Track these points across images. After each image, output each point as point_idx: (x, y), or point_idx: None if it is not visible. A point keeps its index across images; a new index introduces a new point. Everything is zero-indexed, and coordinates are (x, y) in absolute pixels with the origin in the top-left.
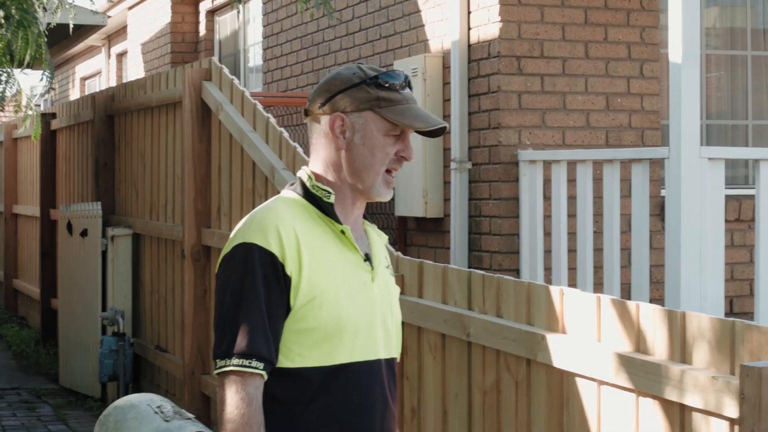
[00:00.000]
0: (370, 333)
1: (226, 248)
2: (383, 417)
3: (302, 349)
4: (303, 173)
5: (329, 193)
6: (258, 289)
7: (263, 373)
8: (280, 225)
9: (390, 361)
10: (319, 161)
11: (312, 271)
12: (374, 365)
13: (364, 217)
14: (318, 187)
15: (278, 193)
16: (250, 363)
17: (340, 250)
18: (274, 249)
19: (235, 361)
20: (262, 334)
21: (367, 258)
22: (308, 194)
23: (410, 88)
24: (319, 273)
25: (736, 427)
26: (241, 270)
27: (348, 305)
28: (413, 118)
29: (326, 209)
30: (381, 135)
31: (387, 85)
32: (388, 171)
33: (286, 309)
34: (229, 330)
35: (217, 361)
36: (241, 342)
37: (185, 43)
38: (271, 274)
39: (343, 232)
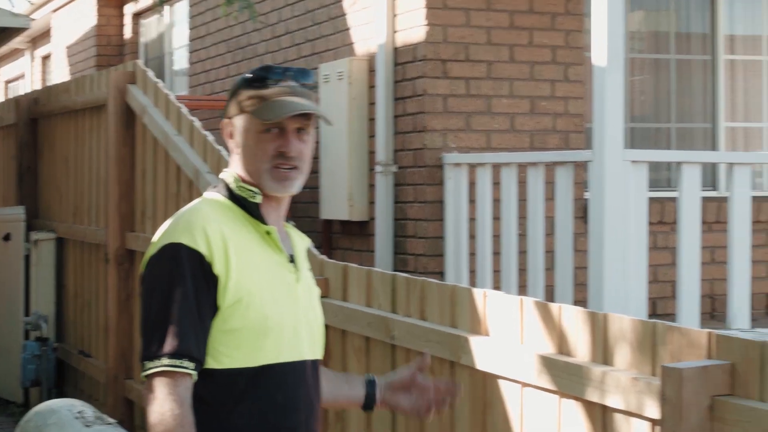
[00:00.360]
0: (296, 334)
1: (152, 249)
2: (308, 417)
3: (229, 349)
4: (227, 175)
5: (255, 193)
6: (187, 288)
7: (193, 373)
8: (207, 225)
9: (314, 362)
10: (232, 164)
11: (239, 271)
12: (299, 366)
13: (286, 220)
14: (244, 187)
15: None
16: (181, 363)
17: (266, 251)
18: (202, 249)
19: (165, 361)
20: (192, 334)
21: (292, 259)
22: (233, 195)
23: (296, 80)
24: (246, 274)
25: (657, 428)
26: (168, 270)
27: (273, 306)
28: (270, 111)
29: (252, 210)
30: (256, 134)
31: (256, 83)
32: (275, 167)
33: (214, 309)
34: (158, 330)
35: (146, 362)
36: (171, 342)
37: (110, 46)
38: (199, 274)
39: (268, 233)
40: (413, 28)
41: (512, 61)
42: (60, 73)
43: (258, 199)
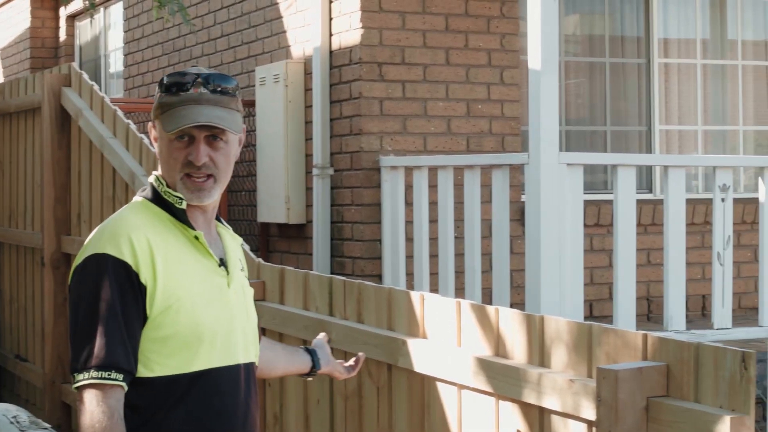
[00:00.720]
0: (229, 338)
1: (78, 259)
2: (245, 422)
3: (161, 357)
4: (153, 178)
5: (181, 199)
6: (113, 299)
7: (123, 384)
8: (132, 233)
9: (249, 366)
10: (159, 167)
11: (167, 278)
12: (234, 370)
13: (218, 219)
14: (169, 193)
15: None
16: (109, 375)
17: (195, 256)
18: (127, 258)
19: (94, 373)
20: (120, 345)
21: (222, 263)
22: (160, 200)
23: (207, 87)
24: (175, 280)
25: (594, 429)
26: (94, 281)
27: (205, 312)
28: (171, 121)
29: (178, 215)
30: (167, 141)
31: (165, 89)
32: (187, 176)
33: (143, 318)
34: (86, 342)
35: (75, 375)
36: (99, 354)
37: (45, 48)
38: (125, 284)
39: (196, 237)
40: (349, 31)
41: (448, 64)
42: None
43: (183, 205)
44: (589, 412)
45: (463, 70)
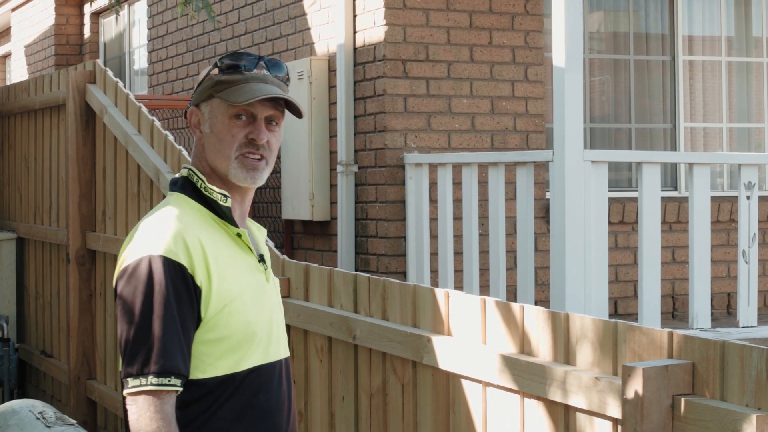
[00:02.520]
0: (271, 335)
1: (127, 259)
2: (288, 417)
3: (212, 359)
4: (186, 172)
5: (225, 196)
6: (170, 302)
7: (180, 389)
8: (186, 234)
9: (287, 360)
10: (195, 157)
11: (220, 279)
12: (277, 366)
13: None
14: (212, 189)
15: (164, 196)
16: (169, 381)
17: (238, 253)
18: (183, 260)
19: (153, 380)
20: (178, 350)
21: (261, 258)
22: (199, 195)
23: (269, 70)
24: (227, 281)
25: (619, 427)
26: (149, 283)
27: (253, 310)
28: (238, 93)
29: (223, 213)
30: (226, 119)
31: (226, 67)
32: (244, 155)
33: (197, 321)
34: (143, 347)
35: (130, 380)
36: (158, 359)
37: (70, 45)
38: (181, 286)
39: (239, 235)
40: (373, 28)
41: (472, 61)
42: (19, 73)
43: (229, 202)
44: (615, 410)
45: (487, 67)
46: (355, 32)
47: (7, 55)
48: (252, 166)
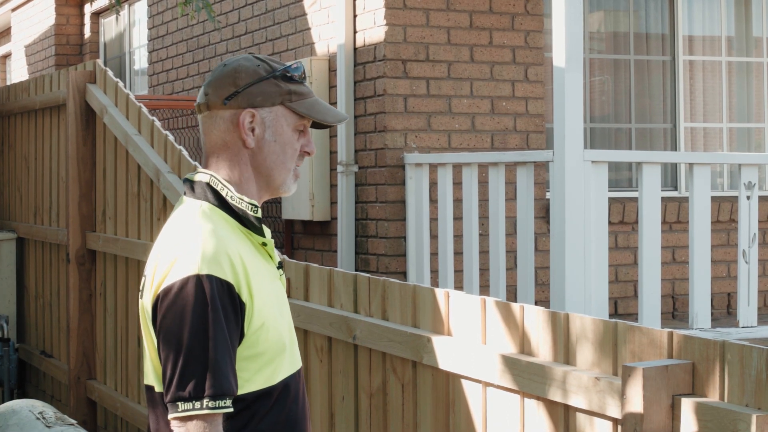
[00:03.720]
0: (293, 343)
1: (169, 277)
2: (306, 423)
3: (250, 374)
4: (210, 179)
5: (256, 207)
6: (221, 323)
7: (232, 410)
8: (229, 250)
9: (302, 368)
10: (223, 162)
11: (258, 294)
12: (299, 375)
13: None
14: (242, 199)
15: (164, 196)
16: (224, 403)
17: (264, 263)
18: (230, 278)
19: (209, 403)
20: (231, 371)
21: (280, 265)
22: (226, 206)
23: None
24: (263, 294)
25: (619, 427)
26: (200, 304)
27: (282, 322)
28: (324, 112)
29: (251, 223)
30: (290, 130)
31: (296, 78)
32: (296, 167)
33: (241, 337)
34: (196, 370)
35: (180, 403)
36: (213, 383)
37: (70, 45)
38: (228, 305)
39: (264, 244)
40: (373, 28)
41: (472, 61)
42: (20, 73)
43: (260, 213)
44: (615, 410)
45: (487, 67)
46: (355, 32)
47: (7, 55)
48: (299, 176)
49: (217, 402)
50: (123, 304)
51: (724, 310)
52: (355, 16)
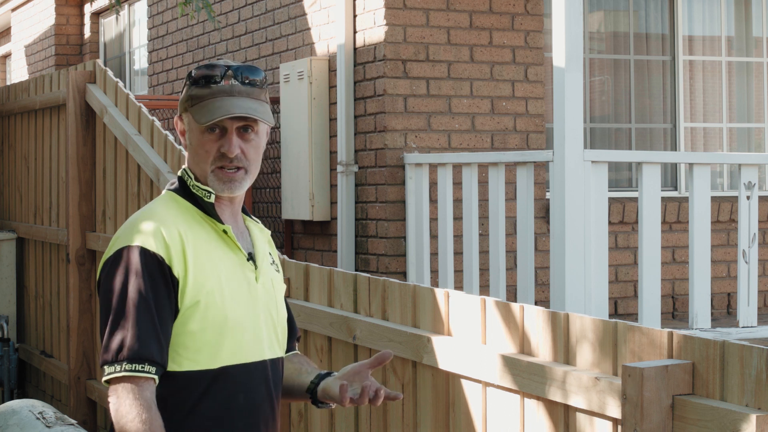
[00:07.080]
0: (256, 334)
1: (109, 251)
2: (267, 418)
3: (189, 352)
4: (181, 172)
5: (209, 192)
6: (146, 291)
7: (156, 377)
8: (164, 227)
9: (276, 361)
10: (187, 161)
11: (197, 271)
12: (260, 366)
13: (245, 213)
14: (198, 186)
15: None
16: (143, 367)
17: (224, 250)
18: (160, 251)
19: (127, 366)
20: (153, 338)
21: (251, 257)
22: (188, 194)
23: (238, 79)
24: (204, 274)
25: (619, 427)
26: (126, 273)
27: (233, 306)
28: (212, 111)
29: (207, 209)
30: (198, 133)
31: (200, 81)
32: (219, 168)
33: (175, 312)
34: (118, 334)
35: (106, 367)
36: (132, 346)
37: (70, 45)
38: (158, 276)
39: (225, 231)
40: (373, 28)
41: (472, 61)
42: (20, 73)
43: (212, 198)
44: (615, 410)
45: (487, 67)
46: (355, 32)
47: (7, 55)
48: (228, 178)
49: (134, 365)
50: None
51: (724, 310)
52: (355, 16)
